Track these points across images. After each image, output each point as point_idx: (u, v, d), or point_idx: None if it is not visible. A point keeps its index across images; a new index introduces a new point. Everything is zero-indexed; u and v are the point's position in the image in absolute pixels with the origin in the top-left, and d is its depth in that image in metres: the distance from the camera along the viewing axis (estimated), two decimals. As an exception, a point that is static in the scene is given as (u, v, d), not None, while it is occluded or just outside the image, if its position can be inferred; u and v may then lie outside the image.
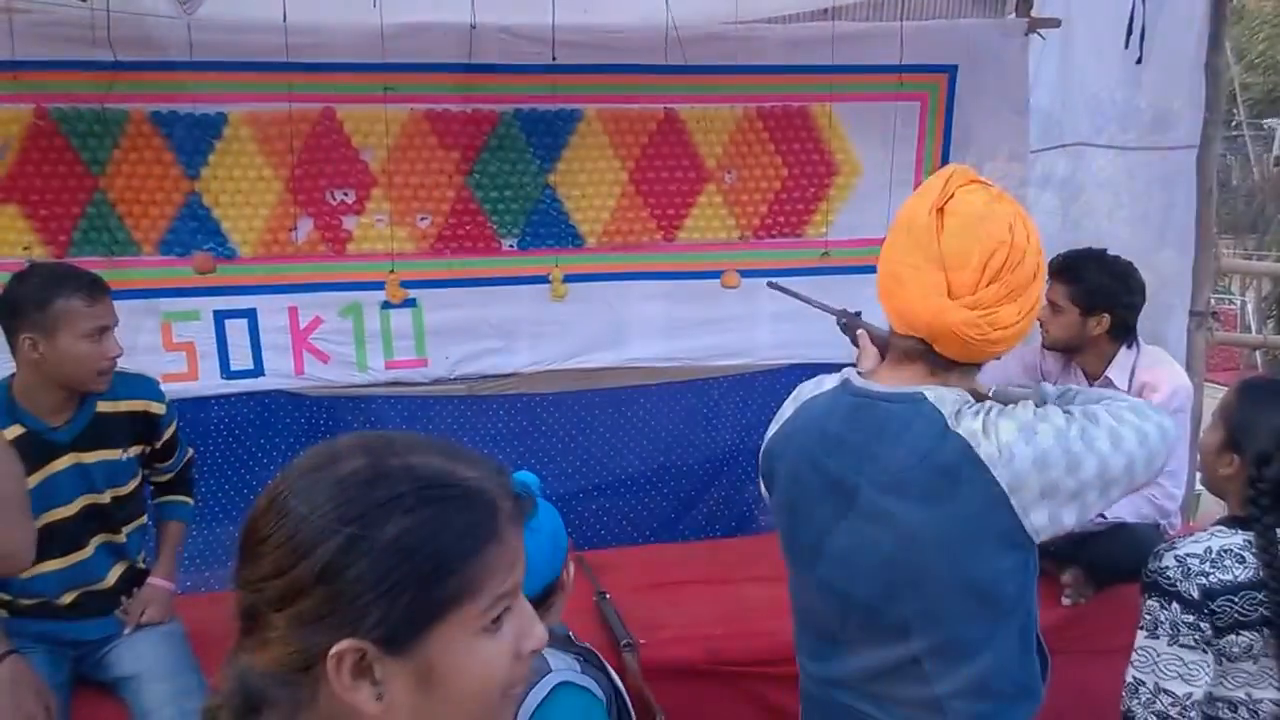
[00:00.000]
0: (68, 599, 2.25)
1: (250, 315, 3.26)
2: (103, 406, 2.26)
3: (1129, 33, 3.31)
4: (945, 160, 3.59)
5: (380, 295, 3.28)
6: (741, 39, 3.32)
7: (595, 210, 3.39)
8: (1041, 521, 1.40)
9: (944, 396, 1.44)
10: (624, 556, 3.21)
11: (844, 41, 3.33)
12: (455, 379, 3.48)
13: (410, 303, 3.34)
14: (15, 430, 2.13)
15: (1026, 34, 3.54)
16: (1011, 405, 1.45)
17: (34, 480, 2.13)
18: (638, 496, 3.67)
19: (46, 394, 2.16)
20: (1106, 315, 2.74)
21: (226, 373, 3.27)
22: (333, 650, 0.79)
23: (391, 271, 3.23)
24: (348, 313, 3.33)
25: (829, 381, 1.60)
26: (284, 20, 2.83)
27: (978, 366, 1.52)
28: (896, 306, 1.48)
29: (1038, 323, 2.70)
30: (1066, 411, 1.44)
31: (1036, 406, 1.46)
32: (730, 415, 3.72)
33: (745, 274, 3.44)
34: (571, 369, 3.54)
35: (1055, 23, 3.56)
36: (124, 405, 2.28)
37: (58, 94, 2.97)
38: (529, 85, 3.21)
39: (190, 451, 2.58)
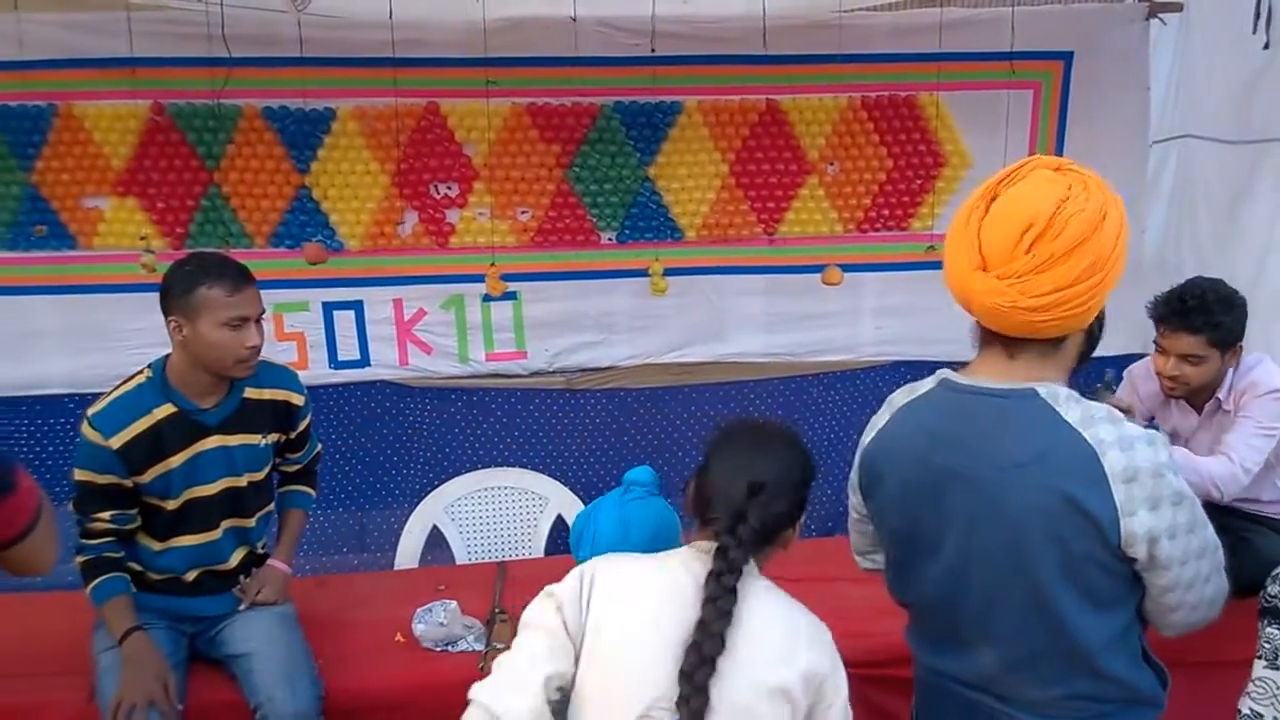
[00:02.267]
0: (191, 576, 2.32)
1: (357, 307, 3.34)
2: (249, 393, 2.32)
3: (1256, 16, 3.10)
4: (1060, 152, 3.45)
5: (481, 288, 3.31)
6: (845, 27, 3.24)
7: (694, 203, 3.36)
8: (1139, 537, 1.40)
9: (1056, 393, 1.44)
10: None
11: (953, 28, 3.22)
12: (554, 372, 3.50)
13: (510, 295, 3.37)
14: (167, 409, 2.22)
15: (1147, 18, 3.37)
16: (1132, 423, 1.45)
17: (181, 458, 2.22)
18: (734, 494, 3.61)
19: (195, 376, 2.24)
20: (1239, 344, 2.54)
21: (334, 363, 3.36)
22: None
23: (492, 264, 3.26)
24: (450, 305, 3.38)
25: (923, 385, 1.61)
26: (390, 16, 2.88)
27: (1057, 347, 1.48)
28: (950, 290, 1.51)
29: (1160, 377, 2.53)
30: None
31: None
32: (831, 412, 3.64)
33: (848, 268, 3.35)
34: (669, 363, 3.53)
35: (1177, 6, 3.39)
36: (267, 394, 2.35)
37: (174, 91, 3.10)
38: (628, 78, 3.20)
39: (319, 446, 2.58)
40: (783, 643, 1.49)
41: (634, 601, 1.52)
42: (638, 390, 3.56)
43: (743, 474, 1.53)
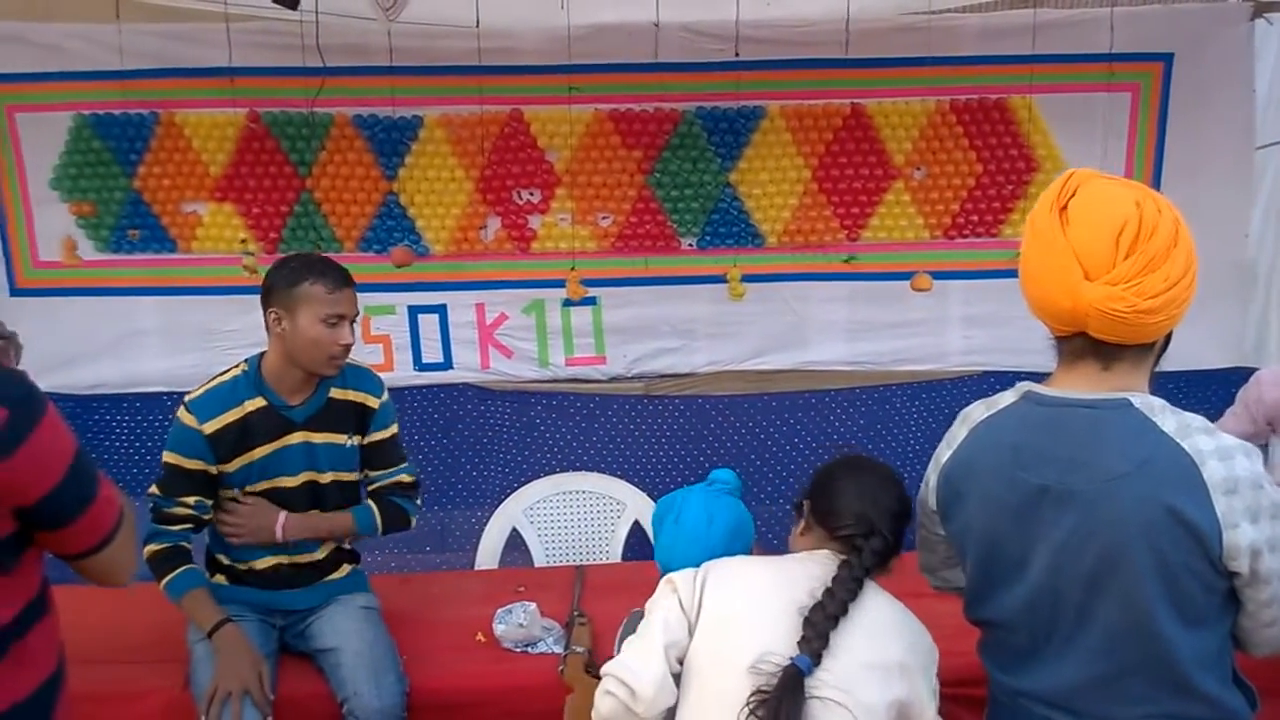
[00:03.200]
0: (265, 564, 2.37)
1: (441, 311, 3.40)
2: (334, 393, 2.38)
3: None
4: (1160, 156, 3.33)
5: (562, 293, 3.34)
6: (933, 29, 3.18)
7: (776, 209, 3.33)
8: (1242, 550, 1.37)
9: (1150, 402, 1.43)
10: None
11: (1047, 29, 3.13)
12: (632, 377, 3.50)
13: (590, 300, 3.38)
14: (257, 402, 2.30)
15: (1252, 19, 3.24)
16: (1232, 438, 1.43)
17: (266, 450, 2.30)
18: (812, 505, 3.58)
19: (287, 372, 2.31)
20: None
21: (419, 365, 3.43)
22: None
23: (573, 269, 3.28)
24: (531, 309, 3.42)
25: (1003, 398, 1.57)
26: (477, 25, 2.92)
27: (1149, 352, 1.47)
28: (1045, 307, 1.47)
29: None
30: None
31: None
32: (914, 423, 3.57)
33: (934, 275, 3.28)
34: (749, 370, 3.50)
35: (1284, 6, 3.23)
36: (350, 394, 2.41)
37: (270, 99, 3.20)
38: (711, 83, 3.19)
39: (411, 478, 2.51)
40: (895, 630, 1.65)
41: (749, 582, 1.69)
42: (716, 398, 3.54)
43: (877, 494, 1.74)
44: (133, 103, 3.18)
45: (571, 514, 3.25)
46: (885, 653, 1.61)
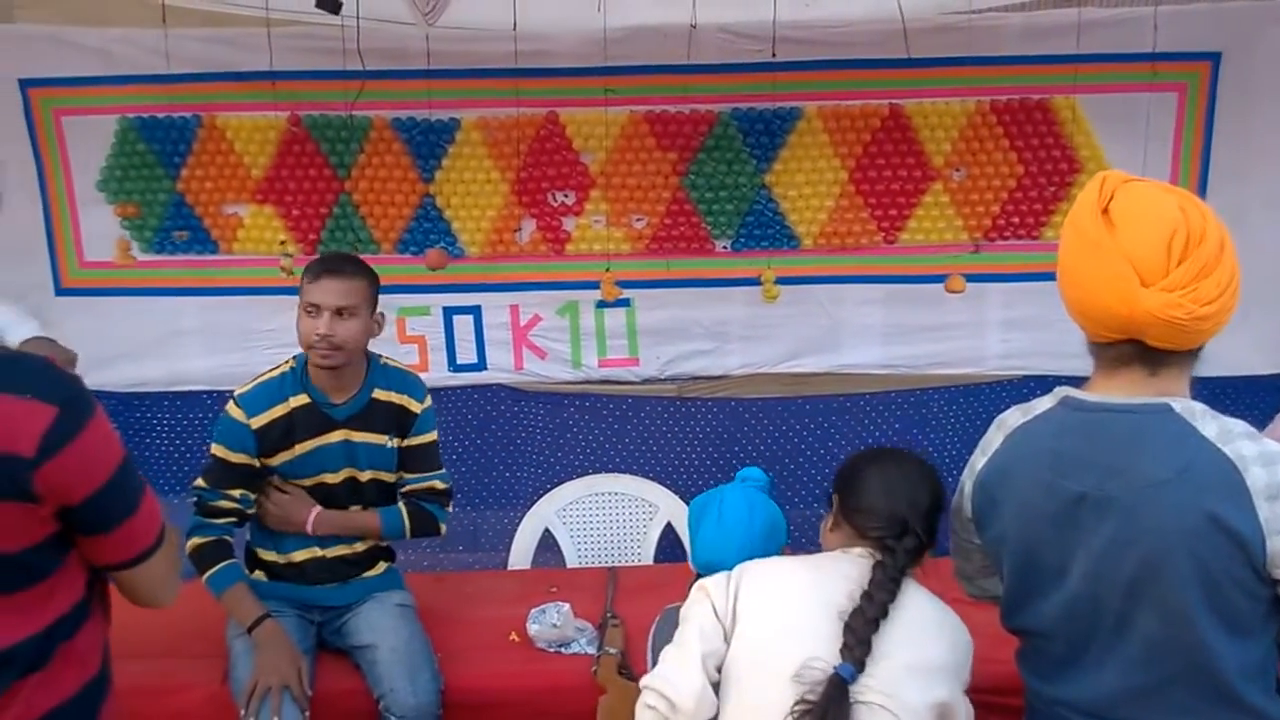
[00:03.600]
0: (312, 556, 2.41)
1: (475, 312, 3.42)
2: (377, 393, 2.41)
3: None
4: (1206, 159, 3.27)
5: (596, 295, 3.34)
6: (975, 29, 3.14)
7: (812, 211, 3.31)
8: None
9: (1191, 407, 1.42)
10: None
11: (1091, 28, 3.08)
12: (665, 379, 3.50)
13: (624, 302, 3.38)
14: (301, 399, 2.35)
15: (1304, 17, 3.16)
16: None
17: (308, 446, 2.35)
18: (847, 510, 3.55)
19: (324, 371, 2.35)
20: None
21: (453, 366, 3.45)
22: None
23: (607, 271, 3.28)
24: (565, 311, 3.42)
25: (1040, 404, 1.56)
26: (514, 27, 2.93)
27: (1193, 357, 1.47)
28: (1092, 314, 1.45)
29: None
30: None
31: None
32: (951, 429, 3.53)
33: (973, 278, 3.25)
34: (783, 373, 3.48)
35: (1337, 4, 3.15)
36: (393, 397, 2.43)
37: (310, 103, 3.23)
38: (748, 84, 3.17)
39: (444, 486, 2.53)
40: (936, 629, 1.64)
41: (784, 585, 1.68)
42: (750, 400, 3.53)
43: (909, 490, 1.72)
44: (177, 106, 3.23)
45: (604, 515, 3.25)
46: (927, 654, 1.60)
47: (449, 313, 3.43)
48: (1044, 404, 1.56)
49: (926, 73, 3.17)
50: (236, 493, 2.33)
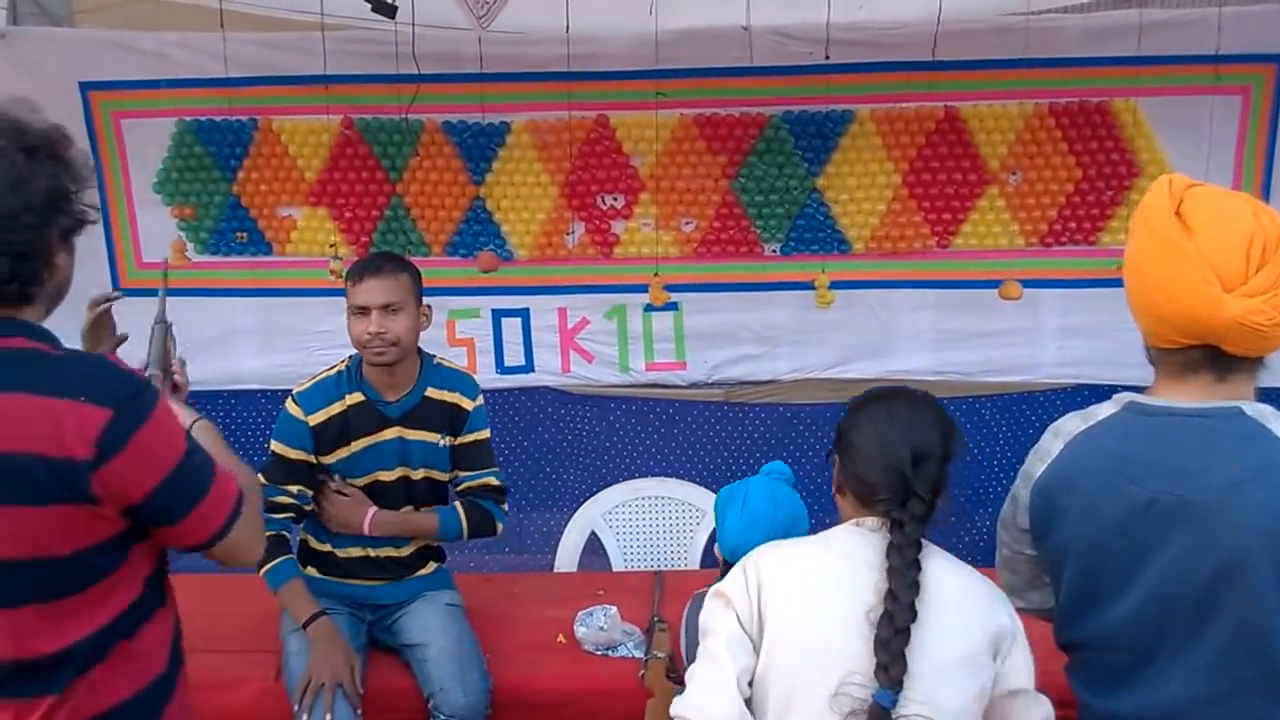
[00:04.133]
0: (364, 554, 2.43)
1: (524, 314, 3.43)
2: (430, 392, 2.43)
3: None
4: (1270, 163, 3.20)
5: (644, 298, 3.33)
6: (1031, 30, 3.09)
7: (864, 215, 3.28)
8: None
9: (1261, 410, 1.41)
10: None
11: (1152, 30, 3.02)
12: (713, 384, 3.48)
13: (672, 306, 3.37)
14: (356, 397, 2.38)
15: (1373, 17, 3.07)
16: None
17: (363, 444, 2.37)
18: (896, 518, 3.50)
19: (376, 370, 2.37)
20: None
21: (501, 368, 3.46)
22: None
23: (655, 275, 3.27)
24: (613, 314, 3.42)
25: (1100, 410, 1.54)
26: (567, 30, 2.94)
27: (1259, 365, 1.45)
28: (1170, 319, 1.43)
29: None
30: None
31: None
32: (1003, 437, 3.47)
33: (1029, 284, 3.19)
34: (831, 379, 3.44)
35: None
36: (445, 395, 2.45)
37: (363, 106, 3.26)
38: (800, 87, 3.15)
39: (499, 483, 2.53)
40: (967, 609, 1.53)
41: (808, 583, 1.55)
42: (798, 406, 3.50)
43: (903, 444, 1.55)
44: (233, 109, 3.28)
45: (650, 519, 3.24)
46: (963, 646, 1.50)
47: (498, 315, 3.44)
48: (1105, 410, 1.53)
49: (982, 75, 3.14)
50: (294, 489, 2.36)
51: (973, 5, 2.99)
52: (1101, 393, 1.60)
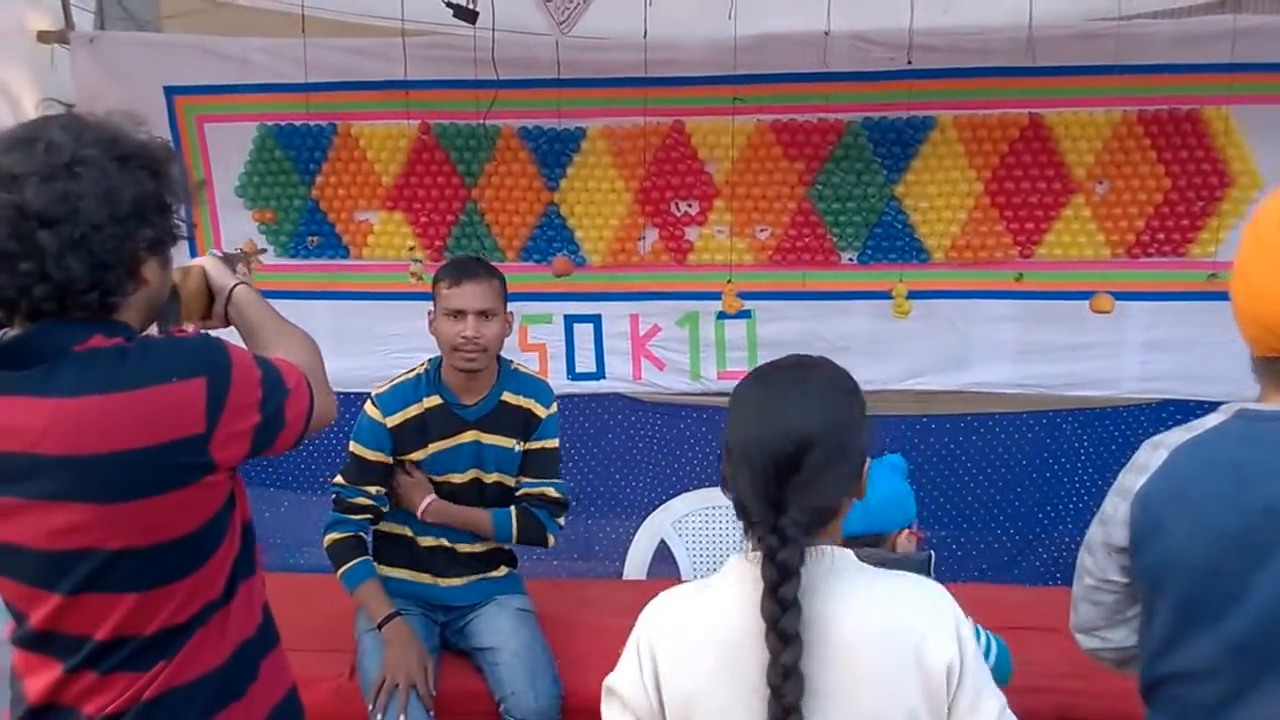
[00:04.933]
0: (439, 544, 2.44)
1: (596, 321, 3.43)
2: (506, 396, 2.45)
3: None
4: (1368, 175, 3.06)
5: (717, 305, 3.30)
6: (1121, 36, 3.01)
7: (944, 223, 3.22)
8: None
9: None
10: (956, 593, 2.99)
11: (1247, 36, 2.91)
12: (785, 394, 3.42)
13: (745, 314, 3.34)
14: (434, 400, 2.40)
15: None
16: None
17: (440, 446, 2.40)
18: (971, 534, 3.42)
19: (455, 374, 2.39)
20: None
21: (572, 374, 3.46)
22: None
23: (729, 282, 3.24)
24: (685, 322, 3.40)
25: (1207, 420, 1.46)
26: (644, 36, 2.93)
27: None
28: (1273, 326, 1.37)
29: None
30: None
31: None
32: (1084, 453, 3.38)
33: (1114, 295, 3.09)
34: (907, 391, 3.38)
35: None
36: (521, 400, 2.47)
37: (441, 112, 3.28)
38: (880, 92, 3.10)
39: (559, 496, 2.50)
40: (890, 654, 1.21)
41: (699, 654, 1.26)
42: (871, 418, 3.41)
43: (768, 443, 1.21)
44: (313, 114, 3.32)
45: (721, 529, 3.20)
46: (887, 707, 1.20)
47: (570, 321, 3.44)
48: (1213, 419, 1.46)
49: (1069, 81, 3.05)
50: (373, 490, 2.37)
51: (1062, 10, 2.93)
52: (1186, 409, 1.55)
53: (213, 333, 1.56)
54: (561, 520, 2.54)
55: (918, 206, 3.21)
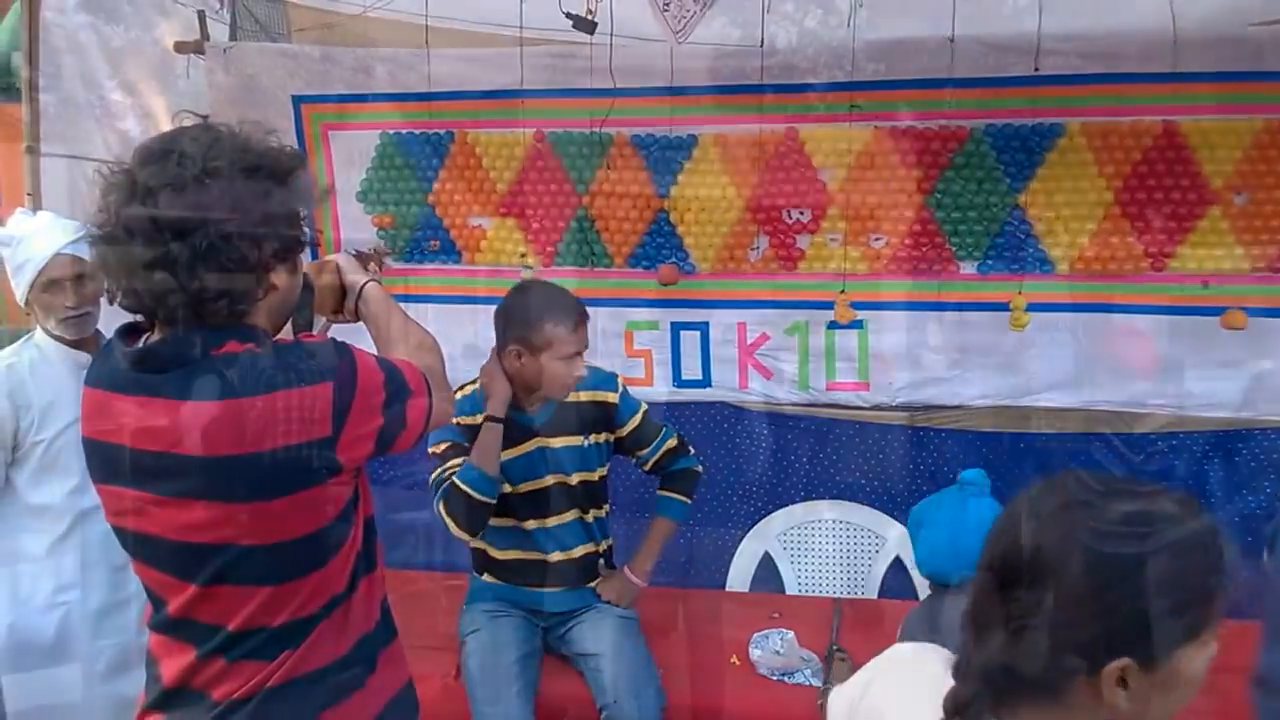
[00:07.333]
0: (539, 558, 2.46)
1: (703, 328, 3.40)
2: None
3: None
4: None
5: (827, 315, 3.24)
6: (1267, 41, 2.84)
7: (1070, 234, 3.08)
8: None
9: None
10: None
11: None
12: (896, 406, 3.34)
13: (857, 324, 3.27)
14: None
15: None
16: None
17: (509, 456, 2.43)
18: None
19: (521, 387, 2.43)
20: None
21: (678, 381, 3.44)
22: (1108, 668, 0.99)
23: (842, 291, 3.18)
24: (794, 331, 3.35)
25: None
26: (761, 44, 2.90)
27: None
28: None
29: None
30: None
31: None
32: (1216, 476, 3.19)
33: (1253, 312, 2.92)
34: (1026, 407, 3.25)
35: None
36: (583, 395, 2.50)
37: (555, 120, 3.32)
38: (1005, 99, 3.00)
39: (676, 439, 2.64)
40: None
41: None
42: (988, 434, 3.31)
43: (1002, 559, 1.06)
44: (434, 123, 3.40)
45: (827, 543, 3.15)
46: None
47: (676, 328, 3.43)
48: None
49: (1206, 88, 2.89)
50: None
51: (1197, 14, 2.77)
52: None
53: (338, 328, 1.61)
54: (692, 449, 2.69)
55: (1042, 215, 3.09)
